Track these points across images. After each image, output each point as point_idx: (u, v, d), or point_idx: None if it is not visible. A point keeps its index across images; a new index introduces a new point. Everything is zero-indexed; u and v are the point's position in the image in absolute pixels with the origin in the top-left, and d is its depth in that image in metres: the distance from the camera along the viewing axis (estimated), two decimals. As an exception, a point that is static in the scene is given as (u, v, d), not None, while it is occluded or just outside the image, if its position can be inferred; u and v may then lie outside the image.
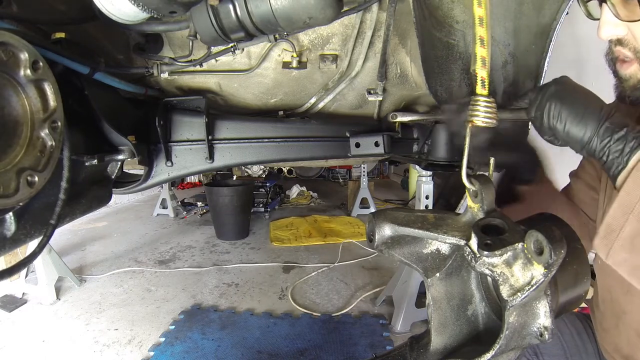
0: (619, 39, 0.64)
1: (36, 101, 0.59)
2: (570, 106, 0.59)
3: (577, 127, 0.58)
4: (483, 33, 0.60)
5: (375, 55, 1.15)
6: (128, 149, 0.93)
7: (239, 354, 1.95)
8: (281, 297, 2.61)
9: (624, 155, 0.55)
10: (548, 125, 0.61)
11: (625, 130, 0.55)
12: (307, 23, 0.74)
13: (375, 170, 8.02)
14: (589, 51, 2.54)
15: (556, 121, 0.60)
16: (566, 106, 0.59)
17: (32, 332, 2.17)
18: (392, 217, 0.65)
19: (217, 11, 0.73)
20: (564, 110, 0.59)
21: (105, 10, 0.66)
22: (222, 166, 1.19)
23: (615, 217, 0.55)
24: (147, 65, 1.07)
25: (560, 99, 0.60)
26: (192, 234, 4.10)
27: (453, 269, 0.66)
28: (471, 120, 0.64)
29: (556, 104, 0.60)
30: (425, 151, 1.40)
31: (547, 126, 0.62)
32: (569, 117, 0.59)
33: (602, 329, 0.89)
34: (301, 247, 3.63)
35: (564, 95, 0.61)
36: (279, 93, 1.28)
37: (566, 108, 0.59)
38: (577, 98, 0.60)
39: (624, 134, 0.55)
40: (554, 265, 0.49)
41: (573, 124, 0.59)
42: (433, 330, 0.65)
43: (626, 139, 0.55)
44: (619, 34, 0.63)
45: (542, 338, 0.54)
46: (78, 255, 3.40)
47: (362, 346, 2.01)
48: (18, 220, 0.65)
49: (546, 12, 0.98)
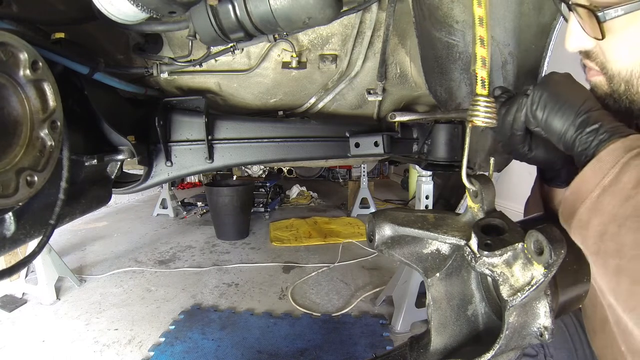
0: (586, 52, 0.62)
1: (36, 101, 0.59)
2: (551, 94, 0.59)
3: (556, 117, 0.57)
4: (483, 33, 0.60)
5: (374, 55, 1.15)
6: (128, 149, 0.93)
7: (239, 354, 1.95)
8: (281, 297, 2.61)
9: (590, 149, 0.54)
10: (530, 112, 0.61)
11: (599, 124, 0.54)
12: (307, 23, 0.74)
13: (375, 170, 8.03)
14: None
15: (536, 108, 0.59)
16: (548, 95, 0.59)
17: (32, 332, 2.17)
18: (392, 217, 0.65)
19: (217, 11, 0.73)
20: (545, 98, 0.59)
21: (105, 11, 0.66)
22: (222, 166, 1.19)
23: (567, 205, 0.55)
24: (147, 65, 1.07)
25: (544, 88, 0.60)
26: (192, 234, 4.10)
27: (453, 269, 0.66)
28: (471, 120, 0.64)
29: (540, 92, 0.60)
30: (425, 151, 1.40)
31: (529, 114, 0.61)
32: (548, 105, 0.58)
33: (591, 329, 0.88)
34: (301, 247, 3.63)
35: (549, 85, 0.60)
36: (279, 93, 1.28)
37: (548, 97, 0.59)
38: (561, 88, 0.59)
39: (597, 127, 0.54)
40: (554, 265, 0.49)
41: (552, 113, 0.58)
42: (433, 330, 0.65)
43: (597, 132, 0.54)
44: (586, 46, 0.60)
45: (542, 338, 0.54)
46: (78, 255, 3.40)
47: (362, 346, 2.01)
48: (18, 220, 0.65)
49: (546, 12, 0.98)
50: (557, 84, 0.60)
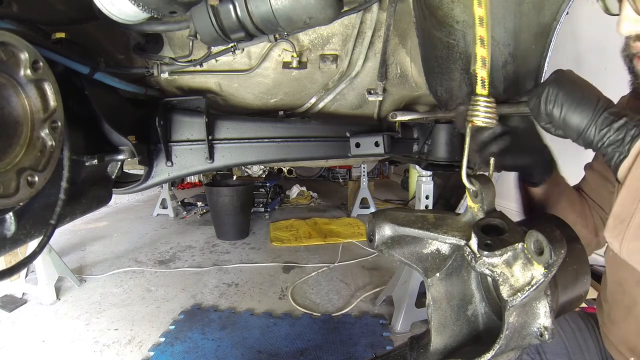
0: (638, 35, 0.63)
1: (36, 101, 0.59)
2: (568, 92, 0.59)
3: (574, 113, 0.58)
4: (483, 33, 0.60)
5: (375, 55, 1.15)
6: (128, 149, 0.93)
7: (239, 354, 1.95)
8: (281, 297, 2.61)
9: (625, 144, 0.53)
10: (545, 110, 0.60)
11: (624, 120, 0.54)
12: (307, 23, 0.74)
13: (375, 170, 8.02)
14: (589, 51, 2.54)
15: (552, 106, 0.59)
16: (564, 92, 0.59)
17: (32, 332, 2.17)
18: (392, 217, 0.65)
19: (217, 11, 0.73)
20: (562, 96, 0.59)
21: (106, 10, 0.66)
22: (222, 166, 1.19)
23: (624, 205, 0.54)
24: (147, 65, 1.07)
25: (558, 85, 0.60)
26: (192, 234, 4.10)
27: (453, 269, 0.67)
28: (471, 120, 0.64)
29: (554, 89, 0.60)
30: (426, 151, 1.40)
31: (544, 111, 0.61)
32: (565, 103, 0.58)
33: (610, 321, 0.89)
34: (301, 247, 3.63)
35: (562, 82, 0.60)
36: (279, 93, 1.28)
37: (564, 94, 0.59)
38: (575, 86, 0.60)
39: (624, 123, 0.54)
40: (554, 265, 0.49)
41: (570, 110, 0.58)
42: (433, 330, 0.65)
43: (626, 128, 0.54)
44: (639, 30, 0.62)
45: (542, 338, 0.54)
46: (78, 255, 3.40)
47: (362, 346, 2.01)
48: (18, 220, 0.65)
49: (546, 12, 0.98)
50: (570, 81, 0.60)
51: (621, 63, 0.70)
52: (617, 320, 0.86)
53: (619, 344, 0.85)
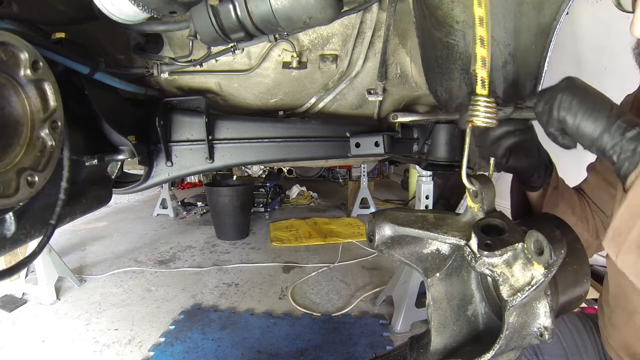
0: None
1: (36, 101, 0.59)
2: (581, 100, 0.58)
3: (588, 121, 0.57)
4: (483, 33, 0.60)
5: (375, 55, 1.15)
6: (128, 149, 0.93)
7: (239, 354, 1.95)
8: (281, 297, 2.61)
9: (635, 155, 0.53)
10: (557, 117, 0.60)
11: (638, 130, 0.53)
12: (307, 23, 0.74)
13: (375, 170, 8.03)
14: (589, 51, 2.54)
15: (566, 113, 0.59)
16: (578, 99, 0.58)
17: (32, 332, 2.17)
18: (392, 217, 0.65)
19: (217, 11, 0.73)
20: (576, 103, 0.58)
21: (106, 10, 0.66)
22: (222, 166, 1.19)
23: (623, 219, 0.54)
24: (147, 65, 1.07)
25: (572, 92, 0.59)
26: (192, 234, 4.10)
27: (453, 269, 0.66)
28: (471, 120, 0.64)
29: (568, 96, 0.59)
30: (425, 151, 1.40)
31: (556, 118, 0.60)
32: (580, 110, 0.58)
33: (610, 325, 0.88)
34: (301, 247, 3.63)
35: (576, 89, 0.60)
36: (279, 93, 1.28)
37: (578, 101, 0.58)
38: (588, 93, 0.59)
39: (637, 133, 0.53)
40: (554, 265, 0.49)
41: (584, 117, 0.57)
42: (433, 330, 0.65)
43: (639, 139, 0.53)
44: None
45: (542, 338, 0.54)
46: (78, 255, 3.40)
47: (362, 346, 2.01)
48: (18, 220, 0.65)
49: (546, 12, 0.97)
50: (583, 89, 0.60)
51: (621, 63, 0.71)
52: (618, 324, 0.86)
53: (619, 349, 0.85)
